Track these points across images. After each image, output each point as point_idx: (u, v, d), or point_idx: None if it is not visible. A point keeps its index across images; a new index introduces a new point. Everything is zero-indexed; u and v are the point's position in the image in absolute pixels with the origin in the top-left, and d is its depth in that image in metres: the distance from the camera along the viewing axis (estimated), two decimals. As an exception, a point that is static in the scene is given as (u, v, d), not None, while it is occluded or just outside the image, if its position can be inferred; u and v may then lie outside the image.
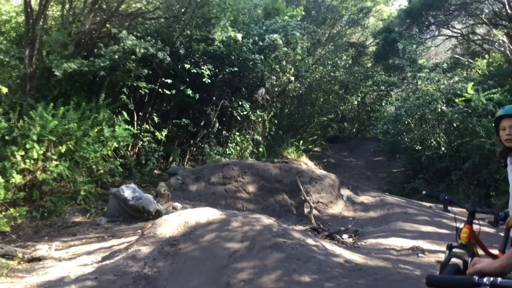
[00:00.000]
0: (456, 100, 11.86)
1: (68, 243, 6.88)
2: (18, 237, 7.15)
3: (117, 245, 6.20)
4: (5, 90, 5.96)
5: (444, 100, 12.52)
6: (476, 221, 3.54)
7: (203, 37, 11.54)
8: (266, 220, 5.35)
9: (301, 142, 17.47)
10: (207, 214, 5.54)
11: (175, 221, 5.45)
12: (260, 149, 14.77)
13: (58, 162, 8.14)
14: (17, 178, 7.39)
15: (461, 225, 3.47)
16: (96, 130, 8.92)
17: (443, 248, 6.69)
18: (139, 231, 6.73)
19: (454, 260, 3.34)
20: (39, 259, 5.96)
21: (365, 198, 9.40)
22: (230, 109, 13.32)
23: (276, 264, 4.33)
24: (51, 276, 5.07)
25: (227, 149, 13.26)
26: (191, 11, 10.80)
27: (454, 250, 3.44)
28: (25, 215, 6.83)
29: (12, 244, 6.49)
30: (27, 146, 7.77)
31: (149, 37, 9.84)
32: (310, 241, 4.99)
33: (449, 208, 3.60)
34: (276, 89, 17.10)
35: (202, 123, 13.06)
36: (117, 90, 10.52)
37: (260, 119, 15.03)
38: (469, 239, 3.40)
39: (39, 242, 6.88)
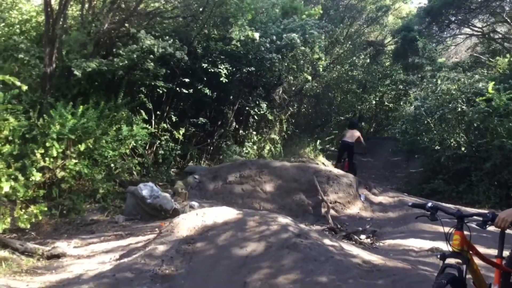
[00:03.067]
0: (477, 100, 11.67)
1: (87, 241, 6.93)
2: (37, 234, 7.23)
3: (134, 243, 6.23)
4: (25, 87, 6.02)
5: (464, 100, 12.33)
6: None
7: (221, 36, 11.53)
8: (283, 219, 5.33)
9: (318, 141, 17.38)
10: (224, 213, 5.54)
11: (192, 220, 5.46)
12: (277, 149, 14.74)
13: (77, 161, 8.21)
14: (36, 176, 7.45)
15: (451, 230, 3.35)
16: (114, 129, 8.99)
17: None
18: (157, 229, 6.76)
19: (449, 270, 3.23)
20: (58, 256, 6.01)
21: (383, 198, 9.31)
22: (247, 108, 13.29)
23: (293, 264, 4.31)
24: (70, 274, 5.10)
25: (244, 148, 13.26)
26: (209, 10, 10.81)
27: (448, 259, 3.31)
28: (45, 212, 6.89)
29: (32, 242, 6.56)
30: (47, 144, 7.84)
31: (167, 37, 9.87)
32: (327, 241, 4.96)
33: (436, 216, 3.47)
34: (293, 88, 17.04)
35: (219, 123, 13.06)
36: (135, 89, 10.57)
37: (277, 119, 15.00)
38: (462, 246, 3.25)
39: (58, 240, 6.94)
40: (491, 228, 3.25)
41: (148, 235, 6.73)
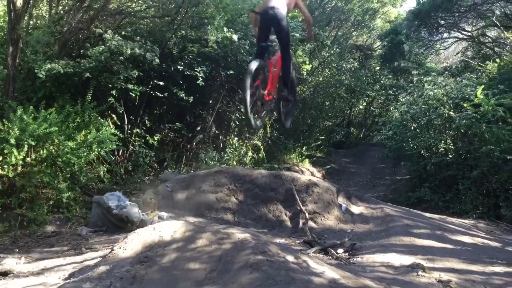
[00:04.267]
0: (465, 105, 11.34)
1: (43, 255, 6.51)
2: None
3: (90, 260, 5.80)
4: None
5: (451, 105, 12.00)
6: None
7: (198, 37, 11.10)
8: (240, 234, 4.90)
9: (304, 147, 17.01)
10: (183, 227, 5.11)
11: (148, 236, 5.03)
12: (260, 155, 14.33)
13: (38, 168, 7.78)
14: (-6, 185, 7.07)
15: None
16: (83, 134, 8.56)
17: (445, 265, 6.24)
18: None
19: None
20: (4, 273, 5.57)
21: (364, 209, 8.90)
22: (228, 113, 12.89)
23: (249, 287, 3.89)
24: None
25: (225, 155, 12.83)
26: (184, 10, 10.39)
27: None
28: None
29: (-18, 256, 6.10)
30: (5, 151, 7.44)
31: (138, 37, 9.45)
32: (290, 258, 4.53)
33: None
34: (279, 92, 16.61)
35: (198, 128, 12.63)
36: (106, 92, 10.12)
37: (260, 124, 14.58)
38: None
39: (12, 254, 6.52)
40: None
41: (108, 250, 6.30)
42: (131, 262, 4.65)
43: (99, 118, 9.43)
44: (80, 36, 9.64)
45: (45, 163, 7.95)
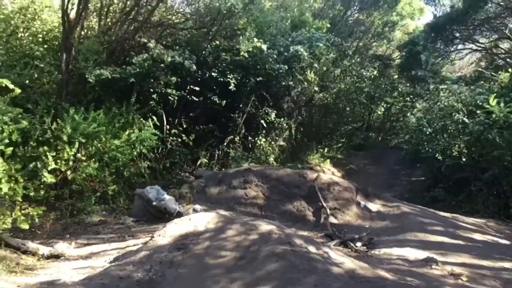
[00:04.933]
0: (478, 112, 11.13)
1: (90, 241, 6.68)
2: (48, 233, 6.95)
3: (132, 246, 5.93)
4: (18, 91, 5.68)
5: (465, 112, 11.79)
6: None
7: (230, 47, 11.22)
8: (267, 226, 4.94)
9: (326, 149, 16.93)
10: (215, 219, 5.19)
11: (184, 226, 5.13)
12: (285, 155, 14.35)
13: (87, 163, 7.98)
14: (48, 177, 7.25)
15: None
16: (126, 133, 8.75)
17: (457, 259, 6.15)
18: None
19: None
20: (57, 256, 5.74)
21: (382, 207, 8.82)
22: (256, 116, 12.94)
23: (274, 274, 3.93)
24: (62, 276, 4.80)
25: (253, 154, 12.90)
26: (218, 22, 10.51)
27: None
28: (43, 214, 6.60)
29: (36, 241, 6.27)
30: (59, 147, 7.65)
31: (177, 47, 9.60)
32: (312, 249, 4.55)
33: None
34: (304, 98, 16.64)
35: (229, 129, 12.73)
36: (148, 96, 10.32)
37: (286, 126, 14.62)
38: None
39: (63, 239, 6.70)
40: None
41: (148, 238, 6.43)
42: (169, 248, 4.74)
43: (141, 119, 9.63)
44: (126, 45, 9.86)
45: (93, 159, 8.15)
